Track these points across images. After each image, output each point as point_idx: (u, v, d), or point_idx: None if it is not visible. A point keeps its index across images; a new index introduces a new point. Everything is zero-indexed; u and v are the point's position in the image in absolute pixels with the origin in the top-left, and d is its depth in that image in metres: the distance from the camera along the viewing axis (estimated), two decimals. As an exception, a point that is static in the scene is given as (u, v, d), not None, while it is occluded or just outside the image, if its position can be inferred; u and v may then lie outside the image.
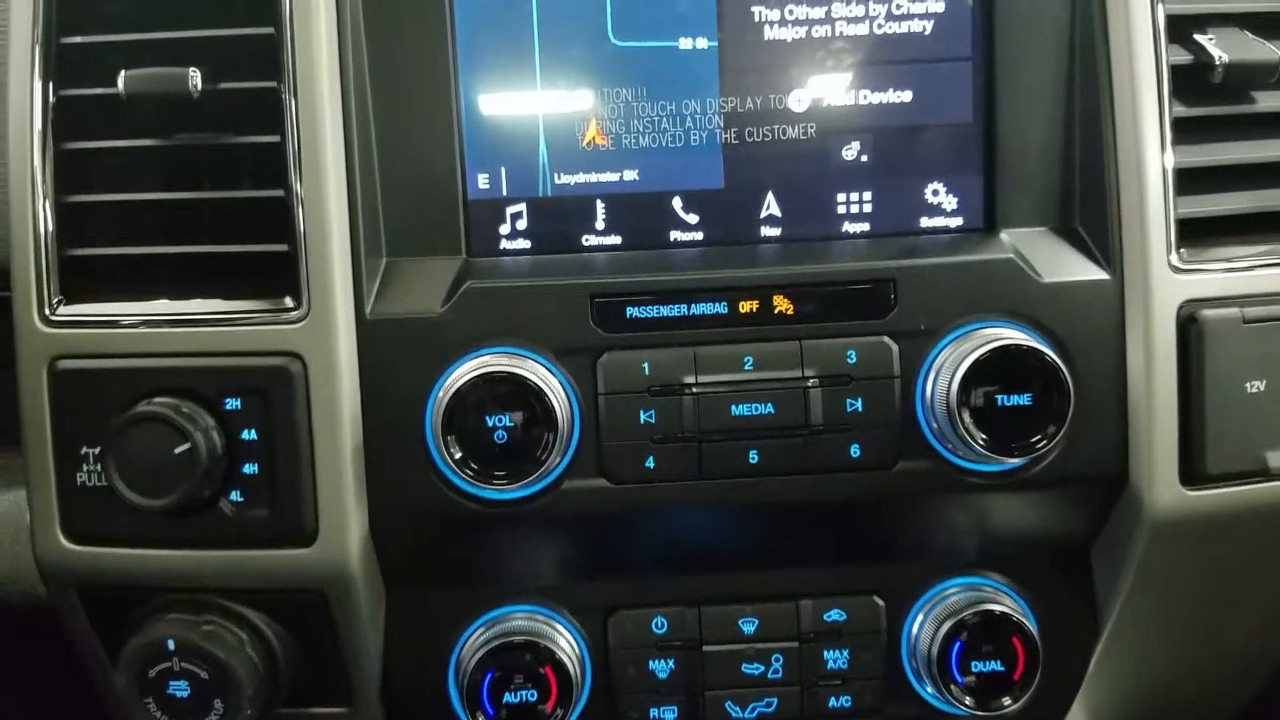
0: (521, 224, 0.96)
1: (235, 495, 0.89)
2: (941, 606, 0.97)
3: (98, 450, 0.88)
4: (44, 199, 0.90)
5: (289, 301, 0.89)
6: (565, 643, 0.96)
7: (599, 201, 0.96)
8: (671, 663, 0.98)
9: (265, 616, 0.92)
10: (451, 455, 0.86)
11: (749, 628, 0.98)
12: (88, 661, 0.97)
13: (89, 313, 0.90)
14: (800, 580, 0.99)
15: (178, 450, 0.85)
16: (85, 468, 0.89)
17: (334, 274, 0.89)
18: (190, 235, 0.91)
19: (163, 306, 0.90)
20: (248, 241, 0.90)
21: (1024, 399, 0.87)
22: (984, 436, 0.86)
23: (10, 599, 1.01)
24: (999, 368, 0.87)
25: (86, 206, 0.91)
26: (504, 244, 0.96)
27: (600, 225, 0.96)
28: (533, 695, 0.94)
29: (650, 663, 0.98)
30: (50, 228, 0.90)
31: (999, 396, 0.87)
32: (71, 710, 1.13)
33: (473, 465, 0.86)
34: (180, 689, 0.88)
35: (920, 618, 0.98)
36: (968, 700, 0.95)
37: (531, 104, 0.95)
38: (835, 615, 0.98)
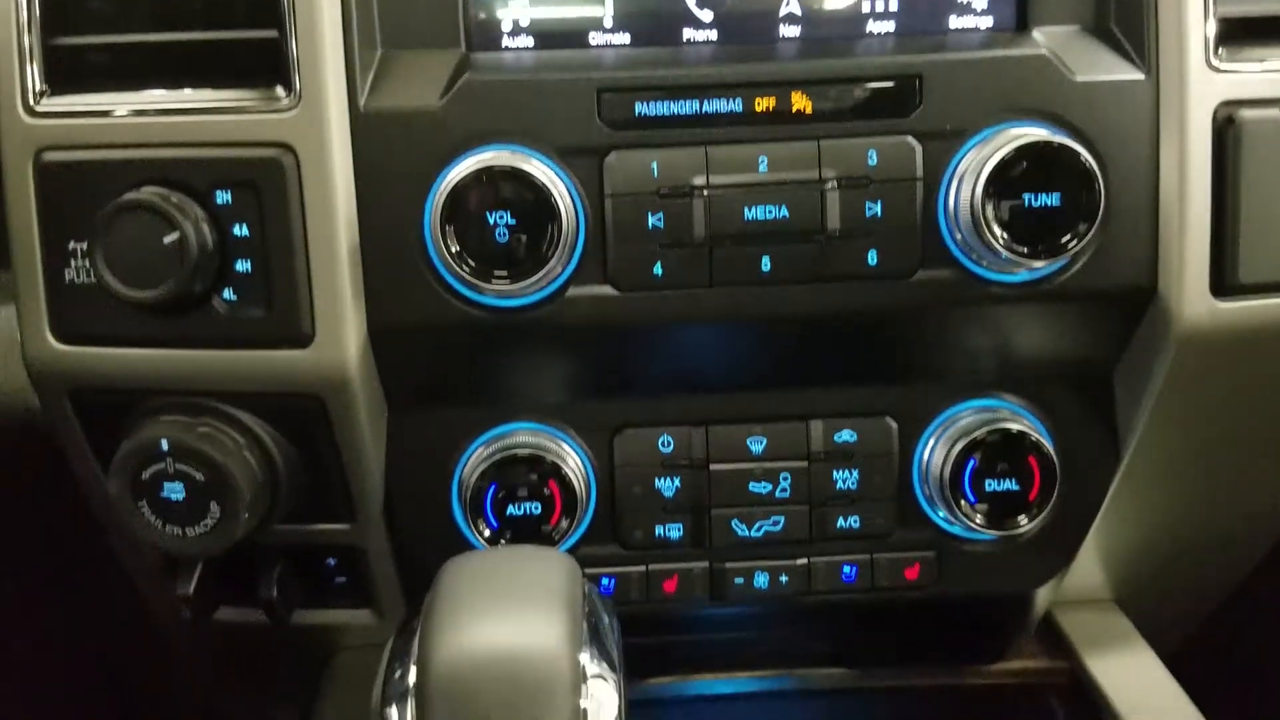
0: (524, 18, 0.91)
1: (228, 294, 0.86)
2: (956, 428, 0.95)
3: (86, 245, 0.85)
4: None
5: (280, 91, 0.85)
6: (571, 460, 0.94)
7: (608, -5, 0.91)
8: (678, 481, 0.96)
9: (263, 423, 0.90)
10: (449, 250, 0.82)
11: (757, 447, 0.96)
12: (81, 471, 0.95)
13: (75, 104, 0.86)
14: (811, 401, 0.96)
15: (167, 240, 0.81)
16: (74, 263, 0.86)
17: (325, 62, 0.84)
18: (179, 23, 0.87)
19: (151, 97, 0.86)
20: (237, 27, 0.86)
21: (1053, 199, 0.83)
22: (1006, 236, 0.83)
23: (2, 412, 0.99)
24: (1028, 166, 0.82)
25: None
26: (506, 40, 0.92)
27: (608, 22, 0.91)
28: (537, 509, 0.92)
29: (656, 481, 0.96)
30: (33, 15, 0.86)
31: (1026, 196, 0.83)
32: (67, 529, 1.12)
33: (471, 262, 0.83)
34: (175, 491, 0.86)
35: (933, 440, 0.96)
36: (979, 520, 0.93)
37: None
38: (846, 436, 0.96)
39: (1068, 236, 0.83)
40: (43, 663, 1.26)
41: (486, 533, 0.92)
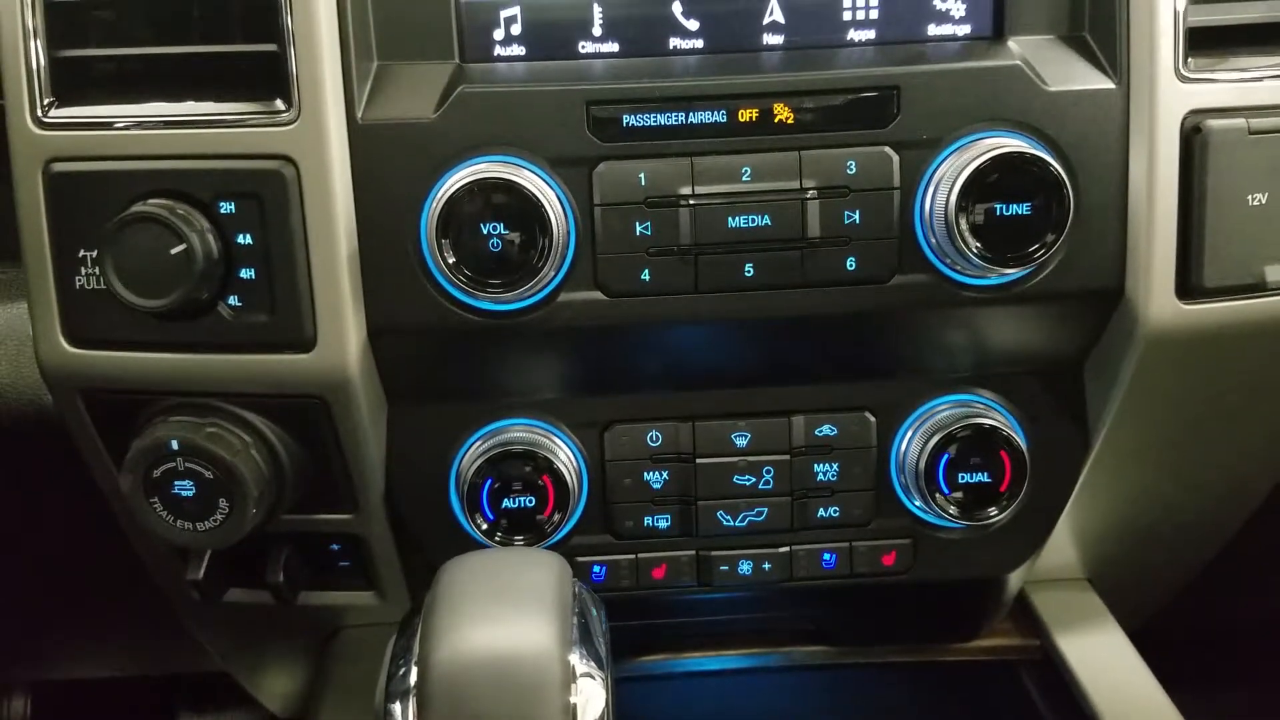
0: (516, 29, 0.94)
1: (233, 300, 0.89)
2: (931, 422, 0.99)
3: (95, 254, 0.88)
4: None
5: (280, 104, 0.88)
6: (563, 454, 0.98)
7: (596, 6, 0.93)
8: (666, 474, 1.00)
9: (269, 422, 0.94)
10: (446, 261, 0.86)
11: (741, 441, 1.00)
12: (94, 467, 0.99)
13: (83, 114, 0.89)
14: (793, 397, 1.00)
15: (173, 251, 0.85)
16: (84, 270, 0.89)
17: (323, 76, 0.87)
18: (182, 36, 0.89)
19: (155, 109, 0.89)
20: (237, 42, 0.88)
21: (1023, 209, 0.86)
22: (979, 245, 0.86)
23: (17, 408, 1.03)
24: (999, 177, 0.86)
25: (76, 6, 0.89)
26: (498, 50, 0.94)
27: (597, 31, 0.94)
28: (531, 502, 0.96)
29: (645, 474, 1.00)
30: (40, 27, 0.88)
31: (998, 206, 0.86)
32: (79, 520, 1.16)
33: (466, 272, 0.86)
34: (185, 489, 0.90)
35: (910, 434, 1.00)
36: (952, 510, 0.97)
37: (527, -98, 0.92)
38: (826, 430, 1.00)
39: (1035, 246, 0.86)
40: (64, 645, 1.31)
41: (483, 525, 0.96)
